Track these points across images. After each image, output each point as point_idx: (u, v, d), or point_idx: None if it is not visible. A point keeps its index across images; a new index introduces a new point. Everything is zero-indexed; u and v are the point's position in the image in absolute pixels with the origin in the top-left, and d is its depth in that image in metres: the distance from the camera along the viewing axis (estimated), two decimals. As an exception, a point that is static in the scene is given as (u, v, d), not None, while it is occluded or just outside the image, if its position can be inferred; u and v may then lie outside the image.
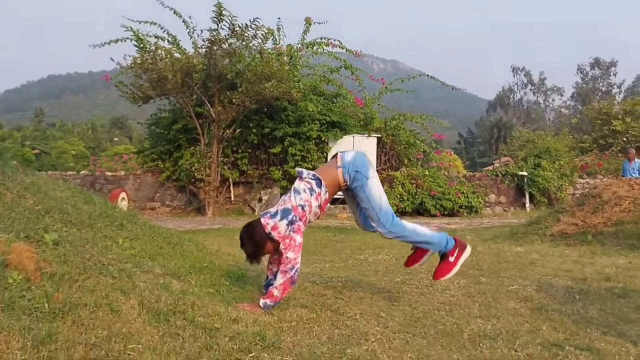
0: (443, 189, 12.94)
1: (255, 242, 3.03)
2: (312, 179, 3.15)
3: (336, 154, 3.32)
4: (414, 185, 12.87)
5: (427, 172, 13.35)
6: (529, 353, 2.54)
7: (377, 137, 13.72)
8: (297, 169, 3.37)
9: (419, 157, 14.51)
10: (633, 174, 12.03)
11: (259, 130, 13.35)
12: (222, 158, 13.18)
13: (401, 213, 12.39)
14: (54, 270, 2.32)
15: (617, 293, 3.74)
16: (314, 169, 13.32)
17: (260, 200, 13.45)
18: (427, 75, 15.57)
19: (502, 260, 5.34)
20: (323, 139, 13.18)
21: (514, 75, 72.53)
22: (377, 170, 13.73)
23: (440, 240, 3.11)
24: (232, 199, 13.77)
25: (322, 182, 3.14)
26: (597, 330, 2.91)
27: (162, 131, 14.15)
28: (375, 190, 3.17)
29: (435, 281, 2.92)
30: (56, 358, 1.76)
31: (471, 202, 13.09)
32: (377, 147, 13.79)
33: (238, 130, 13.07)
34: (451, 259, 2.96)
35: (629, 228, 6.18)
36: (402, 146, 14.03)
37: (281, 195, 13.39)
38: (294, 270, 2.94)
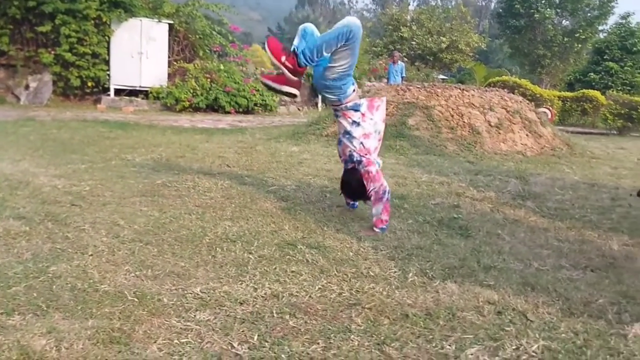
0: (238, 85, 12.58)
1: None
2: (350, 110, 3.24)
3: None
4: (209, 80, 12.26)
5: (222, 67, 12.79)
6: (262, 254, 2.58)
7: (169, 24, 12.54)
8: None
9: (215, 49, 13.78)
10: (396, 76, 13.20)
11: (22, 3, 11.04)
12: (-29, 33, 10.70)
13: (194, 109, 11.85)
14: None
15: (363, 191, 4.05)
16: (93, 54, 11.46)
17: (27, 87, 11.48)
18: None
19: (274, 160, 5.44)
20: (104, 20, 11.49)
21: (323, -27, 73.12)
22: (169, 62, 12.77)
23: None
24: (-10, 84, 11.51)
25: (361, 103, 3.25)
26: (332, 228, 3.11)
27: None
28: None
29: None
30: None
31: (266, 101, 13.07)
32: (169, 35, 12.65)
33: (-8, 0, 10.63)
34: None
35: (390, 130, 6.81)
36: (197, 36, 13.11)
37: (54, 82, 11.69)
38: (386, 195, 3.15)
